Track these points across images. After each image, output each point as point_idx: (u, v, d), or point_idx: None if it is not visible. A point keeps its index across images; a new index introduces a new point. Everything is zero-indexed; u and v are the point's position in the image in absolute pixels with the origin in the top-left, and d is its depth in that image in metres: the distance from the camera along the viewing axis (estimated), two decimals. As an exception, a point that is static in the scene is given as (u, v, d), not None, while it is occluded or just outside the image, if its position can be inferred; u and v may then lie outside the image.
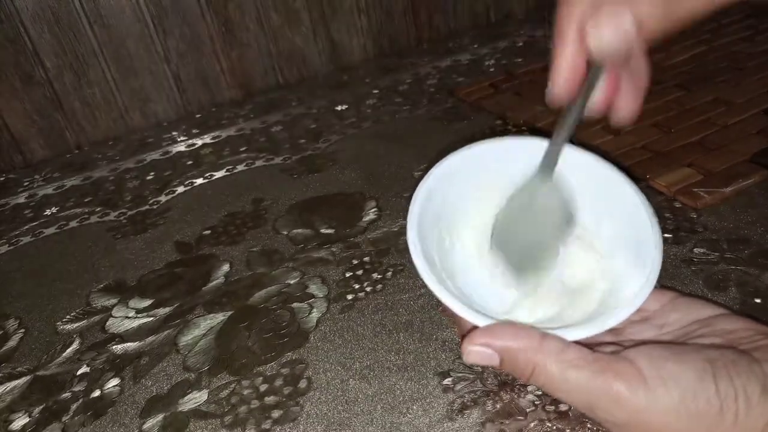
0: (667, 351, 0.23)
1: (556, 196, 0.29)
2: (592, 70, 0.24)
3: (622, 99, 0.26)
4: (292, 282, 0.43)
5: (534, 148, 0.30)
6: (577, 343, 0.25)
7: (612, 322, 0.24)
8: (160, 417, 0.34)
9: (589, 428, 0.28)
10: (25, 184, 0.69)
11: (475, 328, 0.26)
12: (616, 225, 0.29)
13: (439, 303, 0.28)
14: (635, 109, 0.27)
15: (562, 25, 0.24)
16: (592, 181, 0.30)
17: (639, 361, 0.23)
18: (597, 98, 0.26)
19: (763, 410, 0.21)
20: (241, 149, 0.67)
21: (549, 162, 0.28)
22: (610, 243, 0.30)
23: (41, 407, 0.36)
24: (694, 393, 0.22)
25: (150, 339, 0.40)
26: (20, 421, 0.36)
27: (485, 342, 0.25)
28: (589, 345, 0.25)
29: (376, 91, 0.76)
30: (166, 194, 0.60)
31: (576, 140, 0.29)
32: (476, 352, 0.25)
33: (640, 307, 0.25)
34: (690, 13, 0.21)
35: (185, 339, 0.40)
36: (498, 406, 0.30)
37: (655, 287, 0.30)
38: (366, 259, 0.44)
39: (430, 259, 0.28)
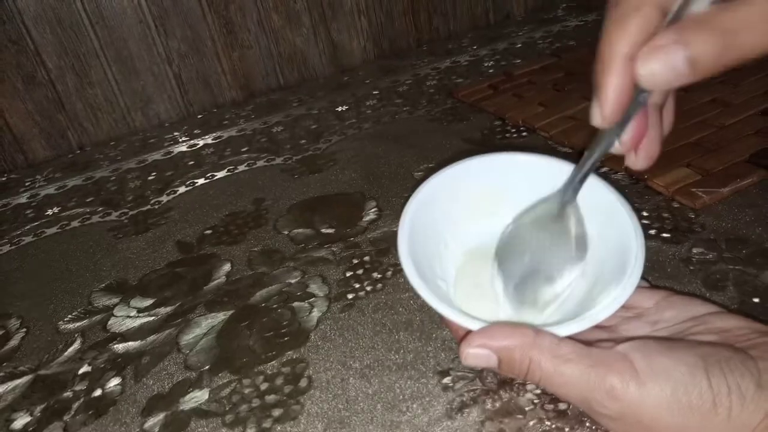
0: (660, 345, 0.24)
1: (573, 224, 0.28)
2: (634, 99, 0.23)
3: (646, 141, 0.26)
4: (292, 281, 0.43)
5: (528, 163, 0.31)
6: (573, 339, 0.25)
7: (602, 315, 0.25)
8: (161, 416, 0.34)
9: (587, 427, 0.28)
10: (27, 184, 0.70)
11: (470, 332, 0.26)
12: (600, 225, 0.30)
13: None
14: (656, 154, 0.26)
15: (613, 47, 0.22)
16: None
17: (632, 355, 0.23)
18: (628, 134, 0.25)
19: (758, 407, 0.22)
20: (243, 149, 0.67)
21: (573, 186, 0.28)
22: (595, 243, 0.30)
23: (43, 406, 0.37)
24: (686, 387, 0.22)
25: (151, 338, 0.41)
26: (22, 420, 0.36)
27: (482, 343, 0.25)
28: (585, 342, 0.25)
29: (376, 92, 0.76)
30: (168, 194, 0.60)
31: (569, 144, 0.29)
32: (474, 354, 0.25)
33: (630, 301, 0.25)
34: (747, 55, 0.20)
35: (186, 338, 0.40)
36: (497, 404, 0.31)
37: (650, 286, 0.30)
38: (366, 258, 0.44)
39: (422, 270, 0.28)
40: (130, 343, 0.40)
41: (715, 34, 0.19)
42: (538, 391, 0.31)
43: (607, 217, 0.29)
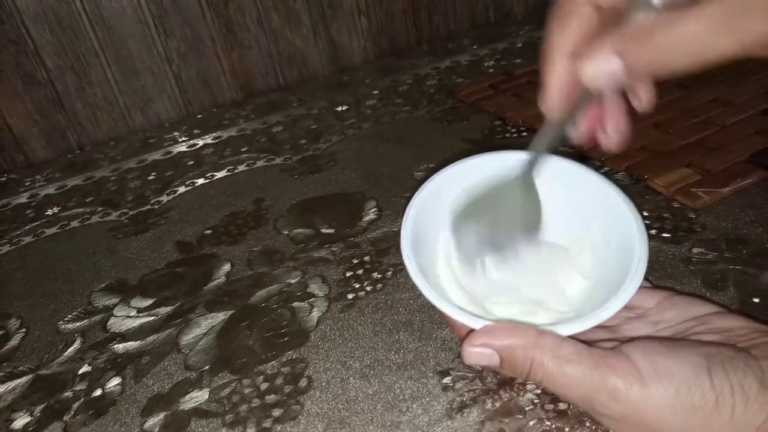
0: (663, 346, 0.24)
1: (526, 201, 0.29)
2: (581, 90, 0.25)
3: (610, 123, 0.27)
4: (292, 281, 0.43)
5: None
6: (575, 339, 0.25)
7: (604, 315, 0.25)
8: (161, 416, 0.34)
9: (587, 427, 0.28)
10: (27, 184, 0.70)
11: (472, 331, 0.26)
12: (603, 225, 0.30)
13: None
14: (626, 133, 0.27)
15: (554, 45, 0.25)
16: (576, 186, 0.31)
17: (634, 355, 0.23)
18: (581, 125, 0.27)
19: (761, 405, 0.22)
20: (242, 149, 0.67)
21: (526, 170, 0.29)
22: (599, 242, 0.30)
23: (43, 406, 0.37)
24: (689, 387, 0.22)
25: (151, 338, 0.40)
26: (22, 420, 0.36)
27: (484, 342, 0.25)
28: (587, 342, 0.25)
29: (376, 92, 0.76)
30: (168, 194, 0.60)
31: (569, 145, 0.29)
32: (476, 353, 0.25)
33: (632, 301, 0.25)
34: (676, 71, 0.21)
35: (186, 338, 0.40)
36: (497, 404, 0.31)
37: (651, 286, 0.30)
38: (366, 258, 0.44)
39: (424, 268, 0.28)
40: (130, 343, 0.40)
41: (648, 51, 0.21)
42: (539, 391, 0.31)
43: (611, 216, 0.29)
